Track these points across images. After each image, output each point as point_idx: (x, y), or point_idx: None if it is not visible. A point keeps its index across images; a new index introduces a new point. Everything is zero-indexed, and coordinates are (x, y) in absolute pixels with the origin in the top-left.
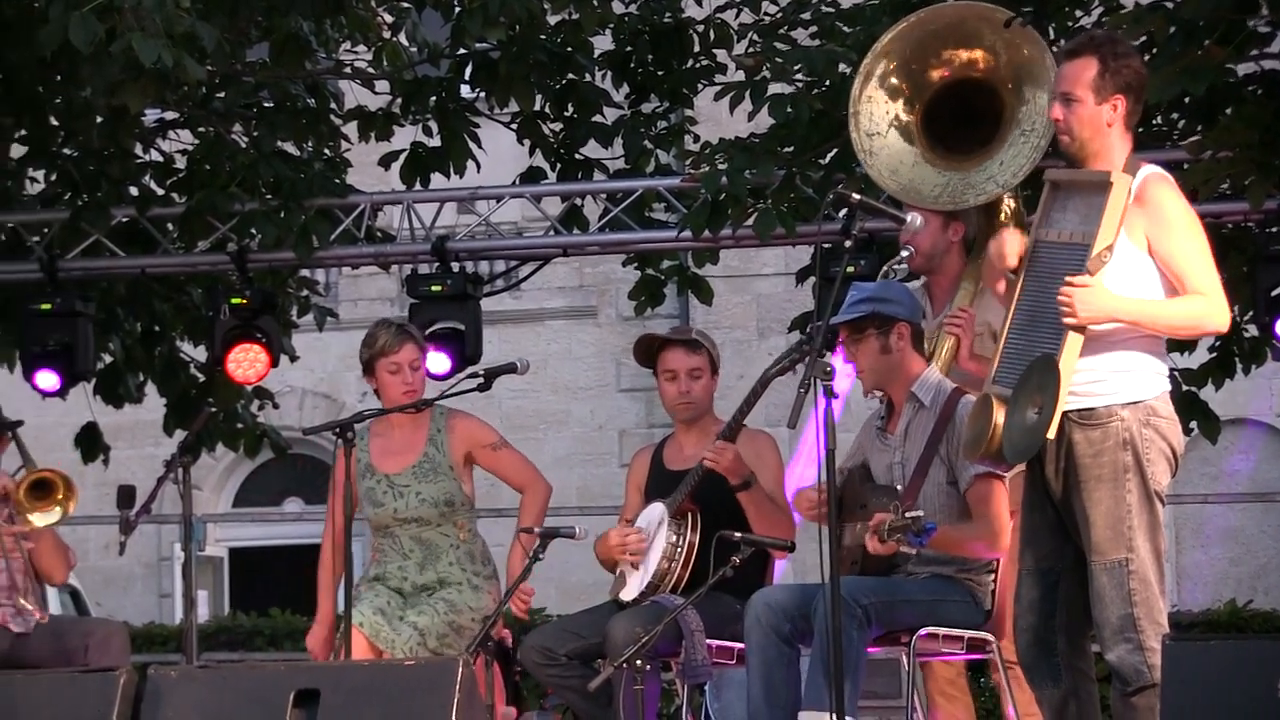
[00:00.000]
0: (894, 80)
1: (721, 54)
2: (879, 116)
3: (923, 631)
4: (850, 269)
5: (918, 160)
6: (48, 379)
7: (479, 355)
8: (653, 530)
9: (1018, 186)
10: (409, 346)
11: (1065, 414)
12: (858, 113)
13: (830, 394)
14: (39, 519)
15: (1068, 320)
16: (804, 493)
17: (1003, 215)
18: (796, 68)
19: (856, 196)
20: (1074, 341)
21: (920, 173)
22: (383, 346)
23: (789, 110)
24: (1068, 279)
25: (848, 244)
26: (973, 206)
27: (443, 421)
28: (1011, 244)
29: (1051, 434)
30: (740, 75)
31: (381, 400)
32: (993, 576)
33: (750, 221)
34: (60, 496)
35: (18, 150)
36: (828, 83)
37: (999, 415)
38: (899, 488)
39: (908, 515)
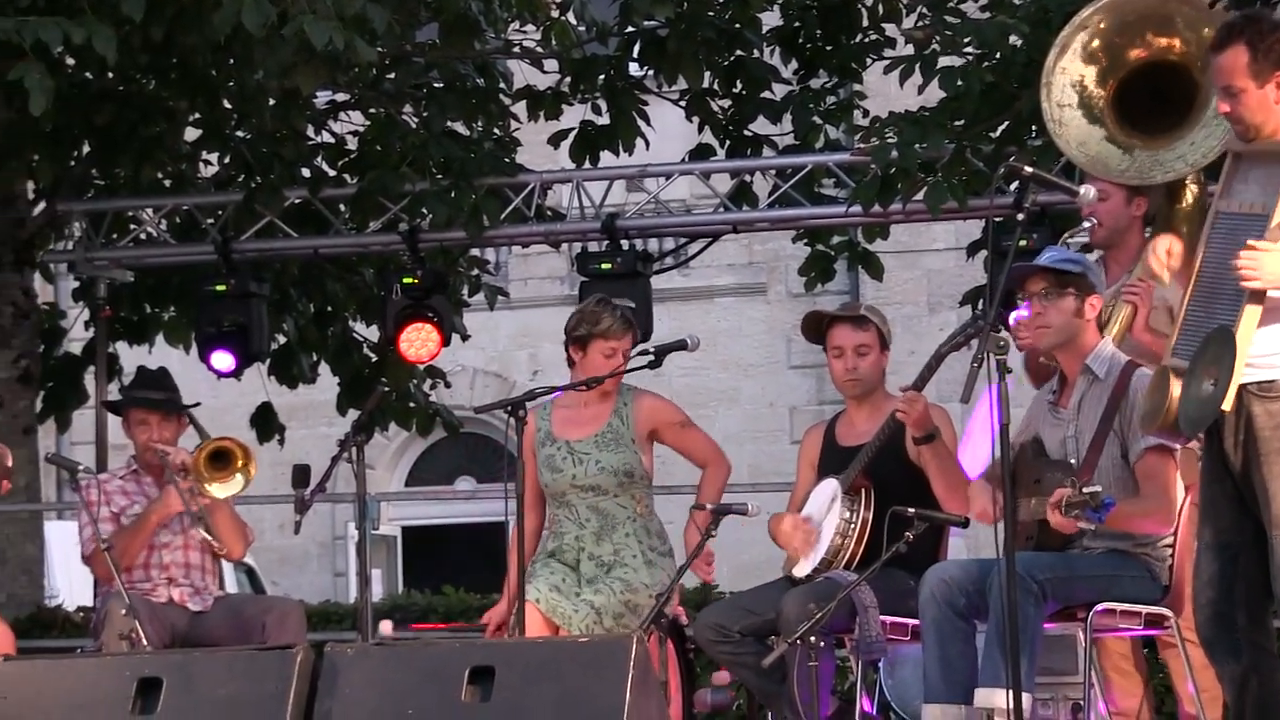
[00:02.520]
0: (1092, 54)
1: (890, 28)
2: (1071, 88)
3: (1100, 607)
4: (1023, 242)
5: (1105, 135)
6: (223, 360)
7: (649, 333)
8: (825, 507)
9: (1201, 173)
10: (630, 336)
11: (1244, 386)
12: (1050, 83)
13: (1004, 369)
14: (219, 489)
15: (1247, 284)
16: (976, 495)
17: (1184, 202)
18: (966, 40)
19: (1029, 169)
20: (1251, 313)
21: (1108, 147)
22: (606, 329)
23: (959, 83)
24: (1248, 243)
25: (1020, 217)
26: (1158, 184)
27: (629, 397)
28: (1163, 246)
29: (1228, 406)
30: (910, 49)
31: (575, 371)
32: (1170, 551)
33: (920, 195)
34: (239, 465)
35: (192, 134)
36: (998, 55)
37: (1175, 387)
38: (1073, 462)
39: (1086, 491)
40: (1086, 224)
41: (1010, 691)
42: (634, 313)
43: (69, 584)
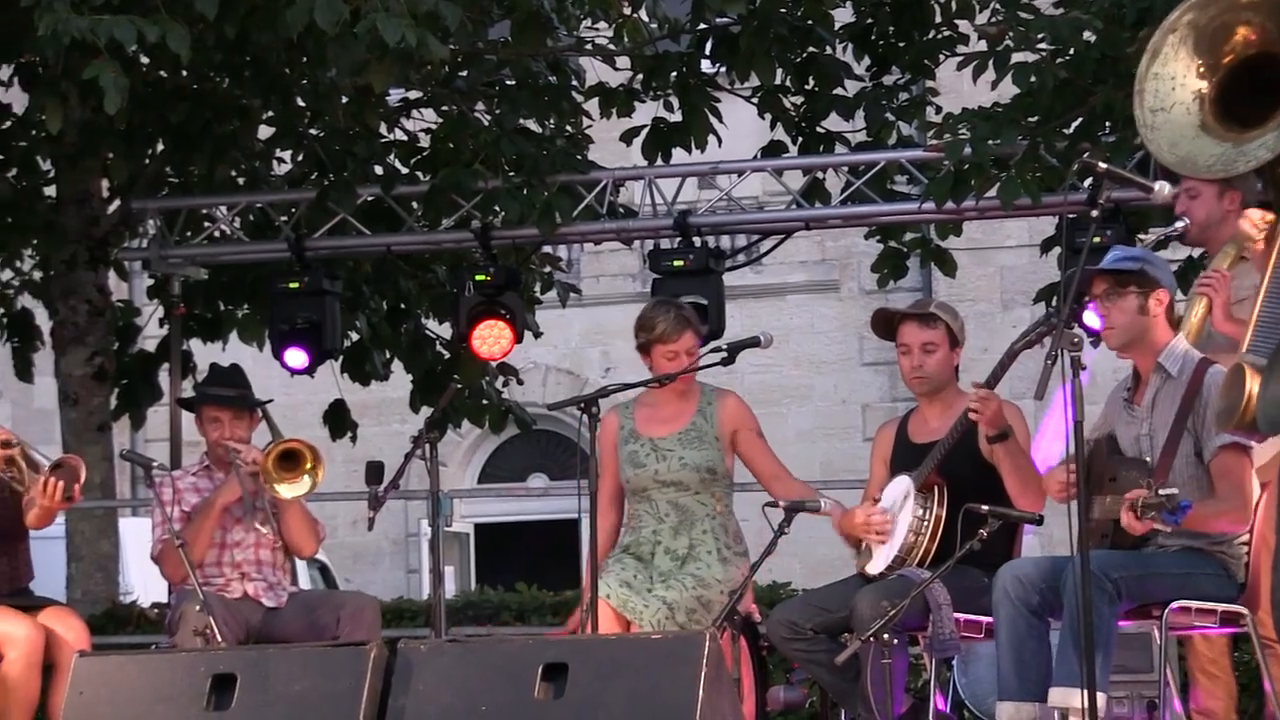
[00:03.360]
0: (1186, 56)
1: (964, 24)
2: (1164, 92)
3: (1175, 605)
4: (1097, 239)
5: (1199, 133)
6: (296, 357)
7: (722, 330)
8: (898, 504)
9: None
10: (688, 334)
11: None
12: (1143, 90)
13: (1079, 366)
14: (287, 490)
15: None
16: (1053, 473)
17: None
18: (1040, 36)
19: (1103, 165)
20: None
21: (1199, 145)
22: (662, 334)
23: (1032, 79)
24: None
25: (1094, 214)
26: (1244, 173)
27: (713, 396)
28: (1257, 214)
29: None
30: (982, 45)
31: (652, 374)
32: (1246, 549)
33: (994, 192)
34: (308, 467)
35: (265, 131)
36: (1072, 51)
37: (1253, 385)
38: (1148, 460)
39: (1162, 493)
40: (1179, 224)
41: (1085, 691)
42: (705, 310)
43: (143, 580)
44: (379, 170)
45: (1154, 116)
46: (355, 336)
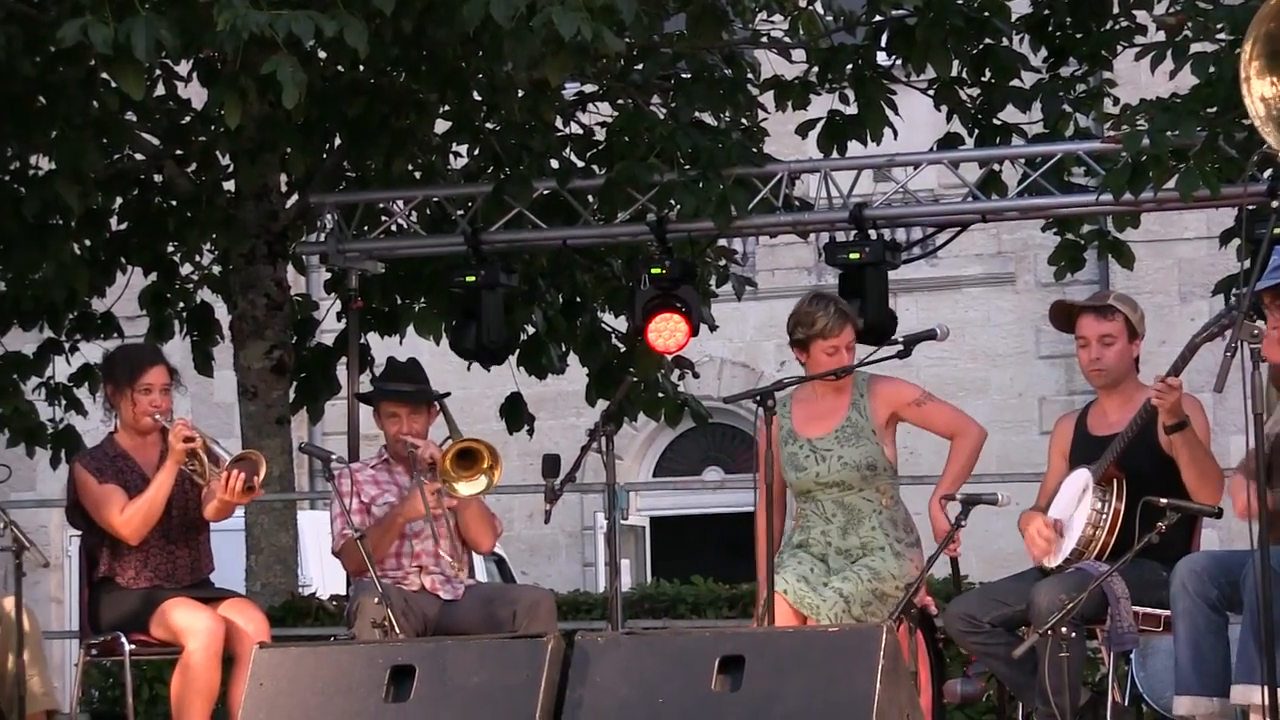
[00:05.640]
0: None
1: (1142, 14)
2: None
3: None
4: (1277, 230)
5: None
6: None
7: (894, 323)
8: (1077, 497)
9: None
10: (848, 329)
11: None
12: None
13: (1259, 359)
14: (464, 488)
15: None
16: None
17: None
18: (1219, 26)
19: None
20: None
21: None
22: (823, 329)
23: (1211, 69)
24: None
25: (1274, 205)
26: None
27: (864, 387)
28: None
29: None
30: (1161, 35)
31: (808, 370)
32: None
33: (1172, 183)
34: (485, 466)
35: (441, 126)
36: None
37: None
38: None
39: None
40: None
41: (1265, 687)
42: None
43: (322, 572)
44: (554, 164)
45: None
46: (531, 330)
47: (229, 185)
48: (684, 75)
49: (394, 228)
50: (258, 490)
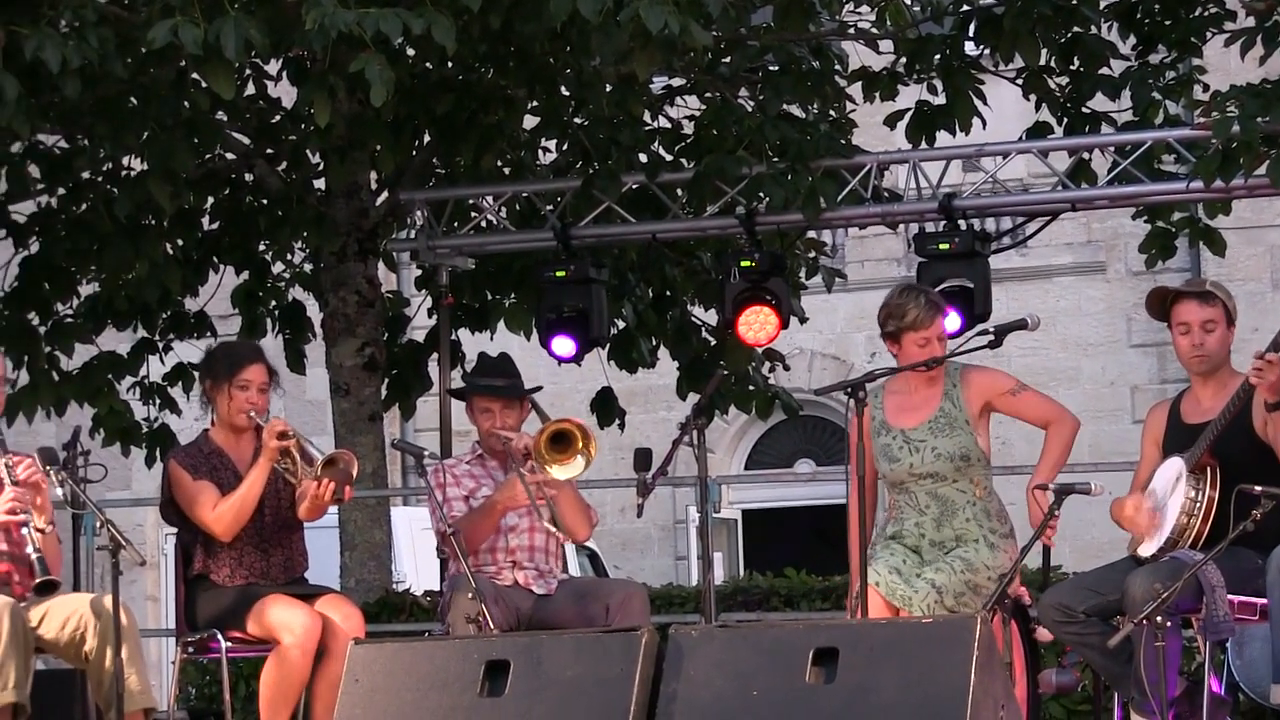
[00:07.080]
0: None
1: (1231, 0)
2: None
3: None
4: None
5: None
6: (564, 345)
7: (989, 313)
8: (1170, 485)
9: None
10: (939, 320)
11: None
12: None
13: None
14: (560, 471)
15: None
16: None
17: None
18: None
19: None
20: None
21: None
22: (914, 321)
23: None
24: None
25: None
26: None
27: (957, 377)
28: None
29: None
30: (1250, 21)
31: (900, 361)
32: None
33: (1263, 169)
34: (580, 446)
35: (530, 121)
36: None
37: None
38: None
39: None
40: None
41: None
42: (971, 293)
43: (415, 568)
44: (643, 158)
45: None
46: (621, 324)
47: (319, 183)
48: (771, 67)
49: (483, 224)
50: (348, 497)
